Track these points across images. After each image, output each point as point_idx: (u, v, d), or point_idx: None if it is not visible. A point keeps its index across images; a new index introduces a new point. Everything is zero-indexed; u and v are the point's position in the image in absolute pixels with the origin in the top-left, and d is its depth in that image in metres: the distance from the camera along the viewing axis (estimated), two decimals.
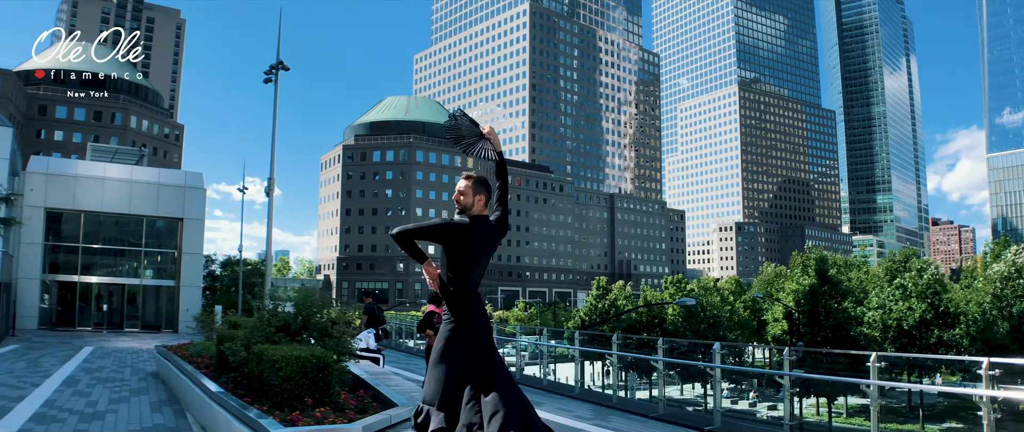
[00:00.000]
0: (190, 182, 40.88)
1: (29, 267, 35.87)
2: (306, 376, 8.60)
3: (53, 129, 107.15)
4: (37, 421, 10.89)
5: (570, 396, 15.80)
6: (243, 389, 10.04)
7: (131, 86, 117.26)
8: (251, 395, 9.44)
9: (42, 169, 37.42)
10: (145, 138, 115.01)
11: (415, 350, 31.80)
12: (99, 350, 25.08)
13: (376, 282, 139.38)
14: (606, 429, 11.87)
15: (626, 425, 12.27)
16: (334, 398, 8.94)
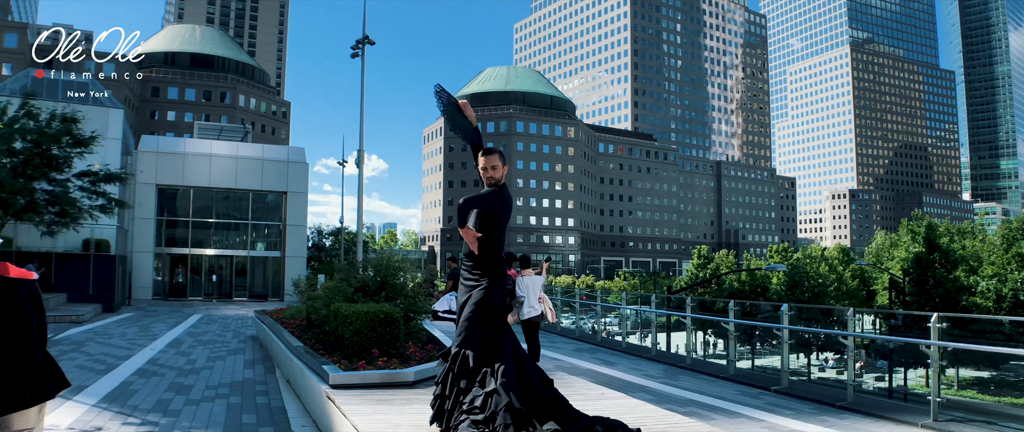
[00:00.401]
0: (293, 157, 42.62)
1: (143, 241, 38.30)
2: (374, 329, 9.25)
3: (166, 110, 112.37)
4: (139, 375, 11.98)
5: (647, 357, 16.13)
6: (322, 344, 10.78)
7: (238, 65, 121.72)
8: (327, 349, 10.17)
9: (153, 148, 39.76)
10: (253, 116, 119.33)
11: None
12: (206, 317, 26.72)
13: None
14: (673, 386, 12.18)
15: (693, 383, 12.55)
16: (401, 350, 9.55)
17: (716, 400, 10.88)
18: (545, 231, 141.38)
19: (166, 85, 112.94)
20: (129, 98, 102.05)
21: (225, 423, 8.34)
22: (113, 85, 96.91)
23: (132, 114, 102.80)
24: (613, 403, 6.51)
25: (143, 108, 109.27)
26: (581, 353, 16.90)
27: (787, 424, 9.12)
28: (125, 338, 18.45)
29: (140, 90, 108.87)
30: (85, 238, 30.40)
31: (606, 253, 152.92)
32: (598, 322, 20.29)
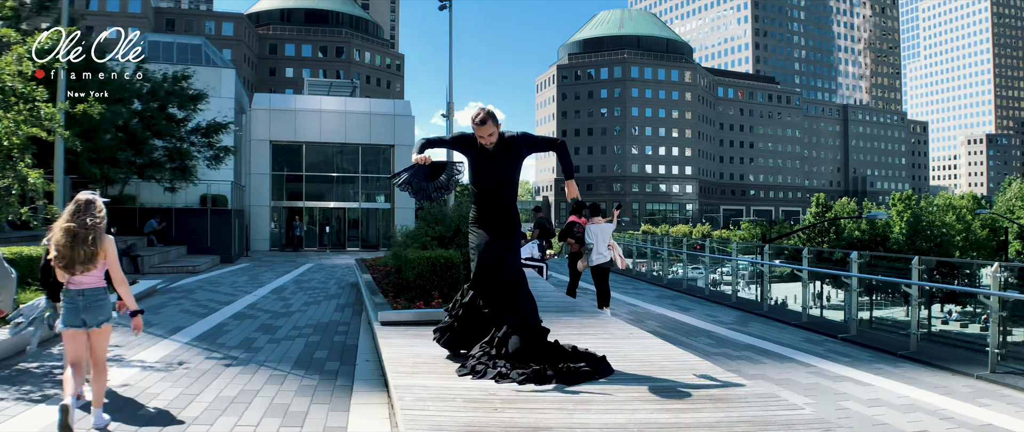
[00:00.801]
0: (399, 111, 44.00)
1: (259, 195, 40.58)
2: (435, 273, 10.05)
3: (284, 66, 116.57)
4: (236, 318, 13.21)
5: (726, 305, 16.43)
6: (396, 288, 11.65)
7: (352, 19, 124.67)
8: (398, 292, 11.02)
9: (265, 105, 41.81)
10: (368, 70, 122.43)
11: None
12: (316, 266, 28.31)
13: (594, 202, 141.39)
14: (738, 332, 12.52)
15: (761, 329, 12.85)
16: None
17: (775, 345, 11.19)
18: (661, 179, 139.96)
19: (283, 42, 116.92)
20: (248, 56, 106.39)
21: (297, 357, 9.30)
22: (232, 43, 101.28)
23: (252, 71, 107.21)
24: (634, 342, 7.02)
25: (262, 65, 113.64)
26: (662, 300, 17.34)
27: (833, 369, 9.37)
28: (233, 286, 19.99)
29: (258, 47, 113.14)
30: (202, 194, 32.53)
31: (725, 202, 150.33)
32: (706, 274, 20.44)
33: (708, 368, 5.68)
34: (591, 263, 13.17)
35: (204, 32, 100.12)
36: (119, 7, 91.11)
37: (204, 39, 41.45)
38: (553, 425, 3.94)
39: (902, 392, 8.23)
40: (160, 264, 25.21)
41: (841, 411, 7.29)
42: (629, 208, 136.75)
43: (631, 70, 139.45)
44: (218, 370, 8.39)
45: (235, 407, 6.71)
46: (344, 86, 53.68)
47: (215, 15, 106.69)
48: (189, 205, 32.59)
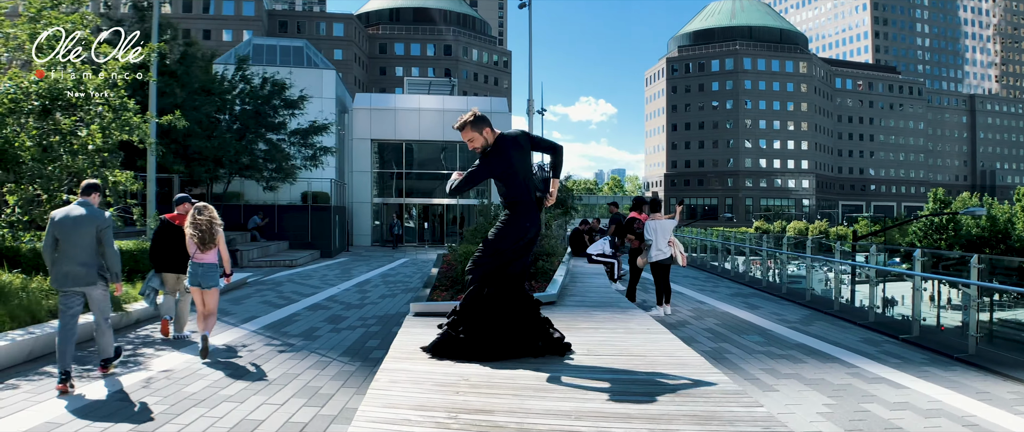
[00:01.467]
0: (495, 107, 44.92)
1: (361, 192, 42.14)
2: None
3: (393, 65, 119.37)
4: (310, 309, 14.08)
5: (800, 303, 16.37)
6: (450, 281, 12.23)
7: (460, 17, 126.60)
8: (450, 284, 11.60)
9: (366, 105, 43.31)
10: (475, 67, 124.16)
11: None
12: (409, 261, 29.29)
13: (705, 198, 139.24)
14: (795, 330, 12.57)
15: (822, 329, 12.83)
16: None
17: (827, 345, 11.19)
18: (777, 174, 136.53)
19: (392, 41, 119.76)
20: (359, 56, 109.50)
21: (349, 346, 9.98)
22: (343, 44, 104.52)
23: (363, 71, 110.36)
24: (644, 337, 7.32)
25: (372, 65, 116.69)
26: (735, 298, 17.37)
27: (875, 371, 9.33)
28: (322, 279, 21.05)
29: (368, 47, 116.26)
30: (303, 191, 34.09)
31: (844, 197, 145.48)
32: (810, 273, 20.13)
33: (699, 365, 5.88)
34: (650, 259, 13.36)
35: (316, 33, 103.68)
36: (234, 11, 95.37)
37: (306, 41, 43.24)
38: (499, 408, 4.34)
39: (935, 396, 8.13)
40: (259, 258, 26.66)
41: (859, 413, 7.30)
42: (742, 204, 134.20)
43: (743, 62, 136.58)
44: (271, 355, 9.14)
45: (270, 388, 7.38)
46: (443, 84, 54.95)
47: (326, 16, 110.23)
48: (292, 202, 34.19)
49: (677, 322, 12.77)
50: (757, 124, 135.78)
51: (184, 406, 6.55)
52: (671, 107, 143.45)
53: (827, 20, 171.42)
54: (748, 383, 8.35)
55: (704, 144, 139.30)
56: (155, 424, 5.92)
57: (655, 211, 13.78)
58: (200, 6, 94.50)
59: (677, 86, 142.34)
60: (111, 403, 6.53)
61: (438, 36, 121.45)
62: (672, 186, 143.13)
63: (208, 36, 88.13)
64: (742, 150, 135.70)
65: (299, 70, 35.95)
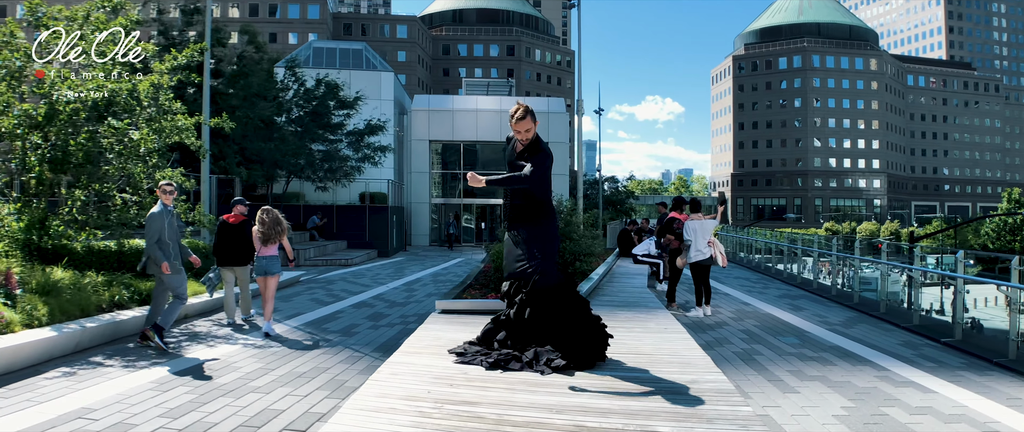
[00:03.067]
0: (553, 108, 45.03)
1: (419, 192, 42.74)
2: None
3: (456, 66, 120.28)
4: (355, 306, 14.48)
5: (847, 305, 16.21)
6: (487, 278, 12.50)
7: (523, 17, 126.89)
8: (486, 282, 11.88)
9: (424, 106, 43.90)
10: (538, 67, 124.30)
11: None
12: (464, 261, 29.65)
13: (772, 198, 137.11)
14: (833, 332, 12.50)
15: (863, 331, 12.69)
16: None
17: (862, 347, 11.09)
18: (847, 174, 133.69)
19: (455, 42, 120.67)
20: (422, 57, 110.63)
21: (384, 342, 10.27)
22: (406, 45, 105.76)
23: (426, 73, 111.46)
24: (659, 337, 7.46)
25: (436, 66, 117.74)
26: (782, 299, 17.24)
27: (905, 374, 9.23)
28: (374, 278, 21.52)
29: (432, 48, 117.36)
30: (361, 191, 34.77)
31: (917, 197, 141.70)
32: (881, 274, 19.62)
33: (703, 365, 5.94)
34: (690, 260, 13.38)
35: (380, 35, 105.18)
36: (299, 14, 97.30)
37: (365, 44, 44.03)
38: (485, 401, 4.54)
39: (962, 401, 8.01)
40: (315, 257, 27.32)
41: (876, 417, 7.22)
42: (811, 204, 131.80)
43: (812, 59, 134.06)
44: (307, 350, 9.49)
45: (298, 381, 7.71)
46: (501, 85, 55.31)
47: (390, 18, 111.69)
48: (350, 202, 34.91)
49: (715, 323, 12.79)
50: (826, 123, 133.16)
51: (212, 396, 6.91)
52: (738, 105, 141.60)
53: (899, 15, 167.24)
54: (770, 385, 8.38)
55: (772, 143, 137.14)
56: (179, 412, 6.28)
57: (695, 211, 13.78)
58: (266, 10, 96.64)
59: (744, 84, 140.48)
60: (143, 392, 6.92)
61: (501, 37, 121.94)
62: (739, 186, 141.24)
63: (274, 39, 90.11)
64: (811, 149, 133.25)
65: (358, 72, 36.72)
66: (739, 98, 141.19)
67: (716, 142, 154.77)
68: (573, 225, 13.79)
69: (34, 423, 5.79)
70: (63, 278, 9.64)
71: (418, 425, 3.98)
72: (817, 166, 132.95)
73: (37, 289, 9.00)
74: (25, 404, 6.38)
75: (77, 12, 11.92)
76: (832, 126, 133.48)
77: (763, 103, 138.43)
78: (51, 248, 11.36)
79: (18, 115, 10.97)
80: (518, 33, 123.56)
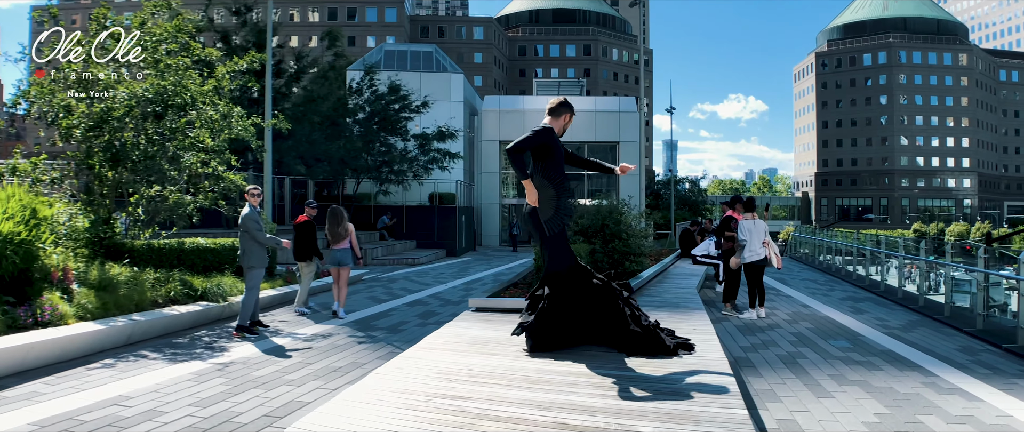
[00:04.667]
0: (623, 107, 44.83)
1: (490, 193, 43.06)
2: None
3: (532, 67, 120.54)
4: (409, 304, 14.75)
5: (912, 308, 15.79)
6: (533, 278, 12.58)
7: (600, 17, 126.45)
8: (531, 282, 11.96)
9: (494, 107, 44.20)
10: (615, 66, 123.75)
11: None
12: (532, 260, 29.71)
13: (857, 198, 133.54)
14: (890, 336, 12.20)
15: (921, 336, 12.30)
16: None
17: (916, 352, 10.75)
18: (936, 173, 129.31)
19: (531, 43, 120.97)
20: (498, 58, 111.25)
21: None
22: (482, 47, 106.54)
23: (503, 74, 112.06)
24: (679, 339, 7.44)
25: (512, 67, 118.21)
26: (845, 302, 16.86)
27: (954, 381, 8.92)
28: (436, 277, 21.81)
29: (508, 49, 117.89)
30: (430, 192, 35.21)
31: (1010, 197, 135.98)
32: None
33: (716, 367, 5.76)
34: (744, 260, 13.20)
35: (456, 37, 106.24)
36: (376, 17, 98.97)
37: (435, 46, 44.56)
38: (478, 396, 4.56)
39: (1008, 410, 7.64)
40: (383, 256, 27.80)
41: (909, 425, 6.96)
42: (898, 204, 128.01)
43: (898, 55, 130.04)
44: (349, 346, 9.74)
45: (331, 375, 7.92)
46: (572, 85, 55.30)
47: (466, 20, 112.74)
48: (420, 203, 35.40)
49: (767, 325, 12.62)
50: (913, 120, 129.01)
51: (245, 387, 7.17)
52: (821, 104, 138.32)
53: (990, 8, 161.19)
54: (806, 389, 8.23)
55: (857, 142, 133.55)
56: (209, 402, 6.53)
57: (749, 211, 13.56)
58: (344, 14, 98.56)
59: (827, 82, 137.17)
60: (180, 383, 7.22)
61: (577, 36, 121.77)
62: (823, 186, 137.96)
63: (353, 43, 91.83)
64: (897, 148, 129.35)
65: (428, 74, 37.22)
66: (822, 96, 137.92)
67: (799, 141, 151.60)
68: (623, 225, 13.74)
69: (72, 408, 6.11)
70: (120, 274, 10.09)
71: (400, 417, 4.08)
72: (904, 165, 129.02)
73: (95, 284, 9.45)
74: (68, 391, 6.74)
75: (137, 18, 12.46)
76: (919, 124, 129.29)
77: (847, 101, 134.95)
78: (114, 246, 11.89)
79: (79, 116, 11.52)
80: (595, 32, 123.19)
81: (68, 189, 12.44)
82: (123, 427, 5.64)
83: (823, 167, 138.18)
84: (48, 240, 8.60)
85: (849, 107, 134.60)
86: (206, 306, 10.97)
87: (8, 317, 7.61)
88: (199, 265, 12.57)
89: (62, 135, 11.70)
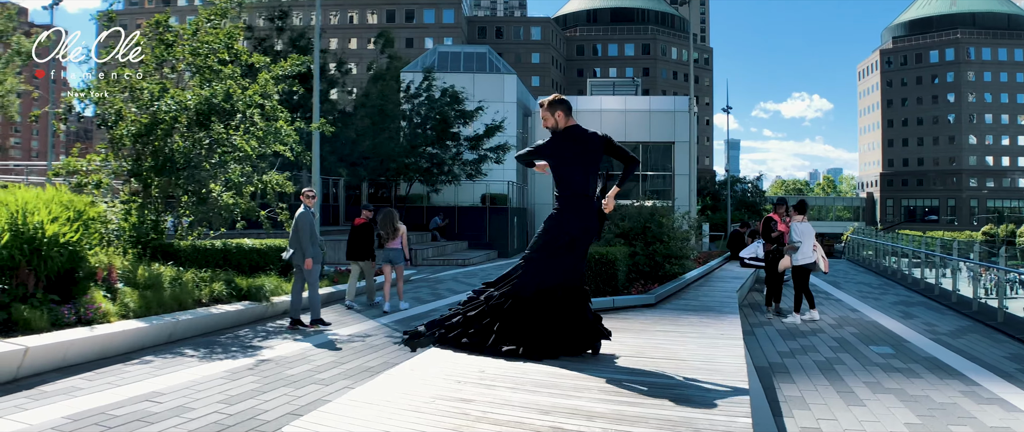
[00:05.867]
0: (679, 107, 44.50)
1: (543, 193, 43.12)
2: (590, 269, 10.91)
3: (591, 67, 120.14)
4: (451, 305, 14.87)
5: (964, 313, 15.42)
6: None
7: (658, 16, 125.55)
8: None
9: None
10: (674, 65, 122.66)
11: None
12: None
13: (924, 199, 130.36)
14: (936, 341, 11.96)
15: (970, 342, 11.92)
16: (619, 287, 11.09)
17: (959, 359, 10.45)
18: (1006, 173, 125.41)
19: (589, 42, 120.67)
20: (556, 58, 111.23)
21: None
22: (540, 47, 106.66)
23: (560, 74, 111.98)
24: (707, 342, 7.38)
25: (570, 67, 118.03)
26: (896, 306, 16.46)
27: (998, 390, 8.55)
28: (484, 278, 21.87)
29: (566, 50, 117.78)
30: (482, 193, 35.42)
31: None
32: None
33: (732, 372, 5.70)
34: (795, 262, 12.99)
35: (513, 38, 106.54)
36: (434, 19, 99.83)
37: (488, 47, 44.77)
38: (482, 399, 4.54)
39: None
40: (433, 257, 28.06)
41: None
42: (966, 205, 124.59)
43: (966, 51, 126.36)
44: (384, 346, 9.90)
45: (361, 375, 8.05)
46: (627, 85, 55.06)
47: (523, 21, 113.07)
48: (472, 204, 35.63)
49: (810, 330, 12.45)
50: (983, 119, 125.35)
51: (275, 386, 7.36)
52: (886, 102, 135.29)
53: None
54: (838, 396, 8.08)
55: (923, 141, 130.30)
56: (237, 399, 6.72)
57: (800, 212, 13.30)
58: (402, 15, 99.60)
59: (892, 79, 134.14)
60: (213, 380, 7.44)
61: (636, 35, 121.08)
62: (888, 186, 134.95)
63: (410, 44, 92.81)
64: (965, 147, 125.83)
65: (481, 75, 37.43)
66: (887, 94, 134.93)
67: (863, 140, 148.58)
68: (665, 228, 13.70)
69: (105, 403, 6.35)
70: (165, 274, 10.41)
71: (399, 418, 4.16)
72: (972, 165, 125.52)
73: (139, 284, 9.77)
74: (104, 386, 7.00)
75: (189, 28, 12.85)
76: (989, 122, 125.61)
77: (913, 99, 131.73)
78: (162, 246, 12.27)
79: (128, 124, 11.94)
80: (653, 31, 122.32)
81: (122, 191, 12.88)
82: (150, 422, 5.85)
83: (888, 167, 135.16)
84: (94, 240, 8.90)
85: (915, 105, 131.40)
86: (248, 305, 11.24)
87: (52, 315, 7.92)
88: (245, 265, 12.89)
89: (114, 143, 12.15)
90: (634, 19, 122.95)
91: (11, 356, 6.88)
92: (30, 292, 7.93)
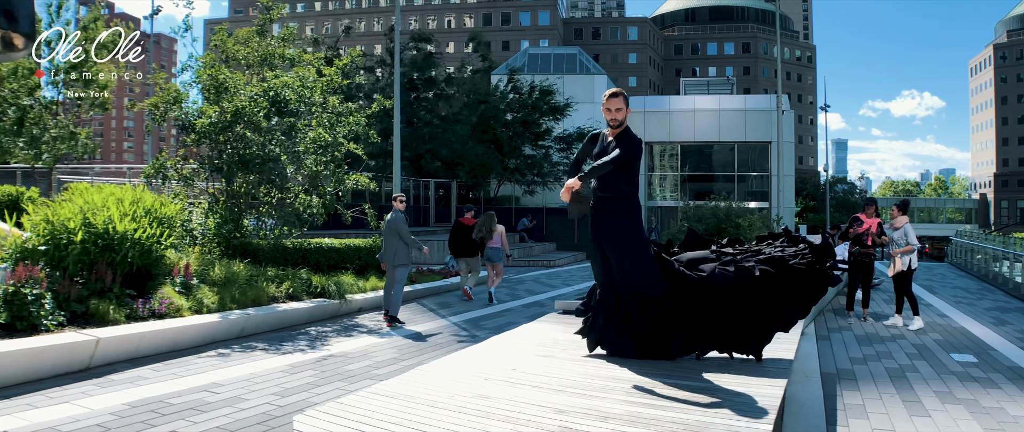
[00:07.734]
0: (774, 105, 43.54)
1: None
2: None
3: (689, 66, 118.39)
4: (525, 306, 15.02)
5: None
6: None
7: (758, 13, 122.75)
8: None
9: (640, 107, 43.86)
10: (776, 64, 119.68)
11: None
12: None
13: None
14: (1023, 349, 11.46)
15: None
16: None
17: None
18: None
19: (687, 42, 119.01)
20: (653, 58, 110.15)
21: None
22: (637, 47, 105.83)
23: (658, 74, 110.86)
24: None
25: (667, 67, 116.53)
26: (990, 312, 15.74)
27: None
28: (565, 280, 22.02)
29: (663, 49, 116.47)
30: None
31: None
32: None
33: (773, 377, 5.76)
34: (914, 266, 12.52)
35: (611, 39, 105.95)
36: (530, 21, 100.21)
37: (579, 48, 44.75)
38: (502, 396, 4.57)
39: None
40: (520, 258, 28.18)
41: None
42: None
43: None
44: (448, 344, 10.04)
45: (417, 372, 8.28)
46: (722, 84, 54.12)
47: (620, 21, 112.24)
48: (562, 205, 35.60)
49: (889, 336, 12.02)
50: None
51: (331, 380, 7.59)
52: (1000, 99, 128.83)
53: None
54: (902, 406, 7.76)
55: None
56: (290, 391, 6.97)
57: (903, 213, 12.78)
58: (499, 19, 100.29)
59: (1007, 75, 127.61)
60: (272, 374, 7.72)
61: (735, 34, 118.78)
62: (1003, 187, 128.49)
63: (507, 47, 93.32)
64: None
65: (571, 76, 37.45)
66: (1002, 91, 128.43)
67: (976, 139, 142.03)
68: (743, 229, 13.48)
69: (165, 392, 6.68)
70: (241, 271, 10.82)
71: (412, 412, 4.25)
72: None
73: (215, 281, 10.20)
74: (169, 377, 7.36)
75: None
76: None
77: None
78: (242, 245, 12.75)
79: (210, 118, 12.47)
80: (754, 29, 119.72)
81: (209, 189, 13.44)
82: (203, 410, 6.13)
83: (1003, 167, 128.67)
84: (168, 238, 9.33)
85: None
86: (321, 302, 11.58)
87: (127, 308, 8.35)
88: (323, 264, 13.28)
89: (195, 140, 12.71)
90: (733, 17, 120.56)
91: (83, 346, 7.30)
92: (107, 287, 8.38)
